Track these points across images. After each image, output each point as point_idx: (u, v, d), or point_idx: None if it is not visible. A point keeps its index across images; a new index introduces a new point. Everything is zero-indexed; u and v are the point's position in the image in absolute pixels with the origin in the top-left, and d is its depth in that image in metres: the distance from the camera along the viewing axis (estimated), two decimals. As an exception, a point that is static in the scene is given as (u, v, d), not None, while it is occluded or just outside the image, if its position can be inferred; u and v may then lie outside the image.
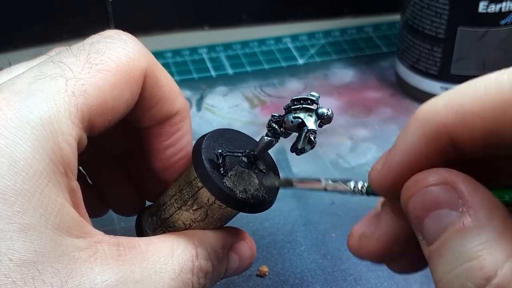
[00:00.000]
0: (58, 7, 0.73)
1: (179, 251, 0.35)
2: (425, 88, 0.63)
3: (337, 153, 0.59)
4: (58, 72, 0.33)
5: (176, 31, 0.77)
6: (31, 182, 0.30)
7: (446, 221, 0.27)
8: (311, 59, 0.72)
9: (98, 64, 0.34)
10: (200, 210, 0.37)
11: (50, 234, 0.30)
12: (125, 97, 0.35)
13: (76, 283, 0.30)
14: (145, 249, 0.34)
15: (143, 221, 0.41)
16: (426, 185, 0.28)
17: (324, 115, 0.35)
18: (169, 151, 0.39)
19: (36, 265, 0.29)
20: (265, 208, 0.38)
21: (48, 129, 0.31)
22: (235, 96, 0.66)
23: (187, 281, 0.35)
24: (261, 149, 0.37)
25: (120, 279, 0.32)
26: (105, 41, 0.36)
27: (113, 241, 0.33)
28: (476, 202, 0.27)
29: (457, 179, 0.27)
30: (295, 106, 0.35)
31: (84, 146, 0.34)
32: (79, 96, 0.33)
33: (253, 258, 0.40)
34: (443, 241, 0.27)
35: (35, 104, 0.32)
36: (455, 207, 0.27)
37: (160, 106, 0.38)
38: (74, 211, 0.32)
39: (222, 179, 0.36)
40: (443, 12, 0.59)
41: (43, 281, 0.29)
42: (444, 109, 0.27)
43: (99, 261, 0.32)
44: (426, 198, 0.28)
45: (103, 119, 0.34)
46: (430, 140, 0.28)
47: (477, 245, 0.26)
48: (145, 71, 0.36)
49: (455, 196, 0.27)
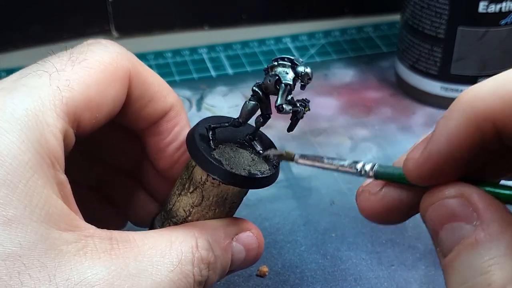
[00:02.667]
0: (58, 7, 0.73)
1: (178, 243, 0.34)
2: (425, 88, 0.63)
3: (337, 153, 0.59)
4: (42, 69, 0.33)
5: (176, 31, 0.77)
6: (15, 173, 0.29)
7: (460, 234, 0.27)
8: (311, 59, 0.72)
9: (82, 62, 0.34)
10: (196, 192, 0.37)
11: (35, 226, 0.29)
12: (111, 94, 0.35)
13: (64, 277, 0.29)
14: (141, 243, 0.33)
15: (155, 220, 0.41)
16: (443, 197, 0.28)
17: (302, 72, 0.35)
18: (171, 147, 0.40)
19: (22, 259, 0.29)
20: (258, 184, 0.37)
21: (33, 120, 0.31)
22: (235, 96, 0.66)
23: (187, 273, 0.34)
24: (245, 115, 0.37)
25: (112, 273, 0.31)
26: (86, 46, 0.36)
27: (106, 235, 0.32)
28: (490, 217, 0.27)
29: (473, 193, 0.27)
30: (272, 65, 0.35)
31: (72, 144, 0.34)
32: (63, 90, 0.33)
33: (261, 249, 0.39)
34: (456, 253, 0.27)
35: (19, 97, 0.31)
36: (469, 221, 0.27)
37: (153, 103, 0.38)
38: (62, 203, 0.31)
39: (210, 152, 0.36)
40: (443, 12, 0.59)
41: (29, 275, 0.29)
42: (489, 95, 0.26)
43: (89, 255, 0.31)
44: (442, 210, 0.28)
45: (90, 116, 0.34)
46: (474, 127, 0.27)
47: (488, 260, 0.26)
48: (129, 70, 0.36)
49: (470, 209, 0.27)
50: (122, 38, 0.76)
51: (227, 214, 0.38)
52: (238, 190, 0.37)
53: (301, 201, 0.53)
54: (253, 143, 0.38)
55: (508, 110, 0.26)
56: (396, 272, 0.47)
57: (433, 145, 0.28)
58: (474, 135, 0.27)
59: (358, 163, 0.32)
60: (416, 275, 0.47)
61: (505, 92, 0.26)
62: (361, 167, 0.32)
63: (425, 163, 0.28)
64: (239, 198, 0.38)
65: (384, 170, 0.32)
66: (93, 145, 0.41)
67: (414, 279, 0.47)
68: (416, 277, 0.47)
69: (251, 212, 0.45)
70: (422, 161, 0.28)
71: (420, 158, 0.28)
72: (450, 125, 0.27)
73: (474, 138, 0.27)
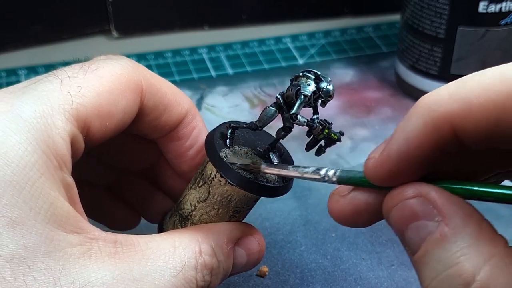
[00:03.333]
0: (58, 7, 0.73)
1: (181, 248, 0.34)
2: (425, 88, 0.63)
3: (337, 153, 0.59)
4: (53, 76, 0.34)
5: (176, 31, 0.77)
6: (22, 174, 0.29)
7: (424, 232, 0.28)
8: (311, 59, 0.72)
9: (94, 71, 0.35)
10: (203, 187, 0.37)
11: (40, 228, 0.29)
12: (121, 104, 0.35)
13: (69, 280, 0.29)
14: (145, 247, 0.33)
15: (167, 214, 0.41)
16: (402, 198, 0.29)
17: (323, 87, 0.35)
18: (192, 151, 0.40)
19: (27, 261, 0.29)
20: (261, 191, 0.37)
21: (41, 122, 0.31)
22: (235, 96, 0.66)
23: (190, 278, 0.34)
24: (263, 119, 0.37)
25: (117, 277, 0.31)
26: (97, 59, 0.36)
27: (110, 238, 0.32)
28: (450, 211, 0.27)
29: (431, 191, 0.28)
30: (297, 75, 0.36)
31: (81, 149, 0.34)
32: (74, 95, 0.33)
33: (262, 253, 0.39)
34: (424, 250, 0.28)
35: (28, 100, 0.32)
36: (431, 218, 0.28)
37: (168, 112, 0.38)
38: (68, 205, 0.31)
39: (222, 149, 0.37)
40: (443, 12, 0.59)
41: (34, 278, 0.29)
42: (448, 98, 0.27)
43: (93, 258, 0.31)
44: (404, 211, 0.29)
45: (100, 124, 0.34)
46: (432, 129, 0.28)
47: (455, 252, 0.27)
48: (141, 82, 0.36)
49: (430, 207, 0.28)
50: (122, 38, 0.76)
51: (230, 218, 0.38)
52: (244, 195, 0.37)
53: (301, 201, 0.53)
54: (271, 154, 0.38)
55: (465, 114, 0.27)
56: (396, 272, 0.47)
57: (392, 145, 0.29)
58: (432, 136, 0.28)
59: (321, 170, 0.33)
60: (416, 275, 0.47)
61: (463, 96, 0.27)
62: (324, 173, 0.33)
63: (384, 163, 0.29)
64: (244, 204, 0.38)
65: (346, 175, 0.32)
66: (110, 150, 0.42)
67: (414, 279, 0.47)
68: (416, 277, 0.47)
69: (251, 212, 0.45)
70: (381, 161, 0.29)
71: (379, 158, 0.29)
72: (409, 126, 0.28)
73: (432, 139, 0.28)
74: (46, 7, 0.72)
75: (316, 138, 0.37)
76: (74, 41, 0.74)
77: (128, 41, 0.75)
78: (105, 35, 0.76)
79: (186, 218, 0.39)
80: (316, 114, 0.37)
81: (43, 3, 0.72)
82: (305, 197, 0.54)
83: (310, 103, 0.36)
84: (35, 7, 0.71)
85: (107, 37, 0.76)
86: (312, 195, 0.54)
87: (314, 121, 0.36)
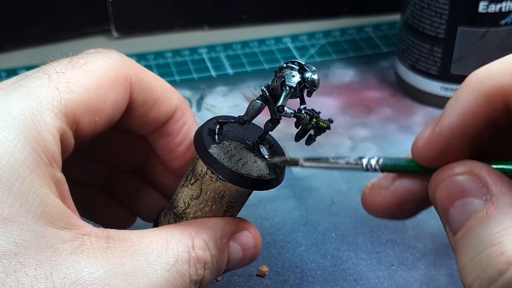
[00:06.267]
0: (58, 7, 0.73)
1: (174, 243, 0.34)
2: (425, 88, 0.63)
3: (337, 153, 0.59)
4: (41, 72, 0.33)
5: (176, 31, 0.77)
6: (12, 171, 0.29)
7: (470, 209, 0.27)
8: (311, 59, 0.72)
9: (82, 66, 0.35)
10: (195, 184, 0.37)
11: (31, 224, 0.29)
12: (110, 99, 0.35)
13: (61, 275, 0.29)
14: (137, 242, 0.33)
15: (161, 213, 0.41)
16: (452, 174, 0.28)
17: (308, 78, 0.35)
18: (182, 147, 0.40)
19: (18, 257, 0.29)
20: (252, 185, 0.36)
21: (30, 119, 0.31)
22: (235, 96, 0.66)
23: (183, 272, 0.34)
24: (249, 113, 0.37)
25: (109, 272, 0.31)
26: (87, 53, 0.36)
27: (102, 233, 0.32)
28: (499, 190, 0.27)
29: (482, 169, 0.28)
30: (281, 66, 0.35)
31: (71, 146, 0.34)
32: (62, 91, 0.33)
33: (257, 249, 0.39)
34: (467, 228, 0.27)
35: (17, 96, 0.31)
36: (479, 196, 0.27)
37: (158, 107, 0.38)
38: (59, 201, 0.31)
39: (212, 145, 0.36)
40: (443, 12, 0.59)
41: (26, 273, 0.29)
42: (500, 72, 0.27)
43: (85, 254, 0.31)
44: (452, 187, 0.28)
45: (89, 119, 0.34)
46: (484, 103, 0.27)
47: (498, 231, 0.26)
48: (130, 76, 0.36)
49: (479, 185, 0.28)
50: (122, 38, 0.76)
51: (224, 213, 0.38)
52: (236, 190, 0.37)
53: (301, 201, 0.53)
54: (260, 147, 0.38)
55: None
56: (396, 272, 0.47)
57: (444, 122, 0.28)
58: (485, 110, 0.27)
59: (363, 158, 0.33)
60: (416, 275, 0.47)
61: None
62: (367, 162, 0.32)
63: (436, 140, 0.29)
64: (237, 199, 0.38)
65: (390, 161, 0.32)
66: (100, 146, 0.41)
67: (414, 279, 0.47)
68: (416, 277, 0.47)
69: (251, 212, 0.45)
70: (432, 138, 0.29)
71: (431, 136, 0.29)
72: (460, 101, 0.28)
73: (485, 113, 0.27)
74: (46, 7, 0.72)
75: (304, 128, 0.37)
76: (74, 41, 0.74)
77: (128, 41, 0.75)
78: (105, 35, 0.76)
79: (180, 216, 0.39)
80: (303, 104, 0.37)
81: (43, 3, 0.72)
82: (305, 197, 0.54)
83: (296, 94, 0.36)
84: (35, 7, 0.71)
85: (107, 37, 0.76)
86: (312, 195, 0.54)
87: (301, 112, 0.36)
